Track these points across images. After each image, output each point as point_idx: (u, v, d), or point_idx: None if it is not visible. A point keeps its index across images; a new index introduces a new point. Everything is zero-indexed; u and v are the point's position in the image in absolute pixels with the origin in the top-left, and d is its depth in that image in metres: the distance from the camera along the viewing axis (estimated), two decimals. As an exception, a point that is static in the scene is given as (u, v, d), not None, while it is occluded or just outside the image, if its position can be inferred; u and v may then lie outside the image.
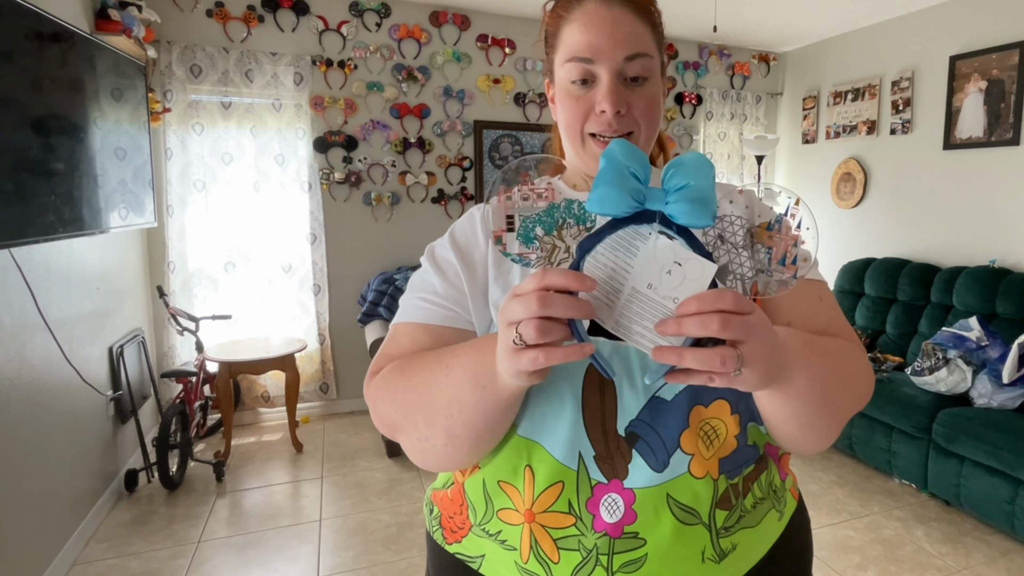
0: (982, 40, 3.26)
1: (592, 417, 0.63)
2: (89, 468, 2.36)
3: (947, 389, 2.72)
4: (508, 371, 0.50)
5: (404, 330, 0.72)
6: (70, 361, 2.19)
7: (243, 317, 3.39)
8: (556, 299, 0.45)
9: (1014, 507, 2.30)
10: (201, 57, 3.17)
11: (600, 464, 0.63)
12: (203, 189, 3.26)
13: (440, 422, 0.60)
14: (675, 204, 0.49)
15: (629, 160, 0.50)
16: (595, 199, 0.49)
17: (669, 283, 0.48)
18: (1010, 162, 3.16)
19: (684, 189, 0.48)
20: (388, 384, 0.66)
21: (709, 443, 0.64)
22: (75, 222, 2.15)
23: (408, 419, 0.64)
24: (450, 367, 0.60)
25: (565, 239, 0.53)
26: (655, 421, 0.63)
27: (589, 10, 0.67)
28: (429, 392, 0.61)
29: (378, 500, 2.63)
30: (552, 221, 0.53)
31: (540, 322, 0.45)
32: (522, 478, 0.65)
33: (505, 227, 0.54)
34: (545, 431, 0.64)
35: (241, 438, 3.27)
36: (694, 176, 0.49)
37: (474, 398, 0.57)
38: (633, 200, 0.49)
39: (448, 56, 3.71)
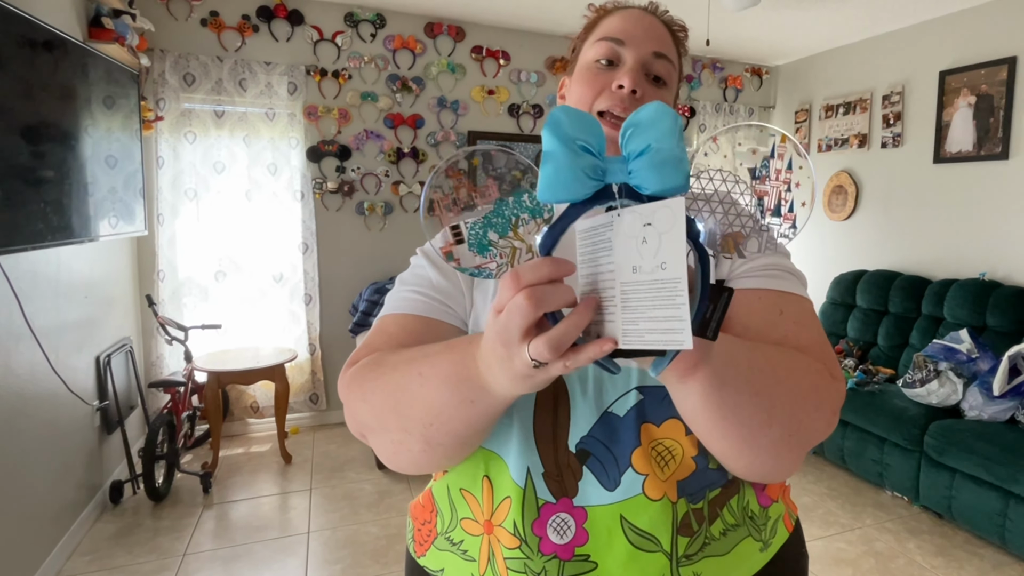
0: (971, 56, 3.30)
1: (543, 432, 0.61)
2: (73, 479, 2.33)
3: (938, 401, 2.72)
4: (519, 388, 0.45)
5: (394, 320, 0.66)
6: (56, 370, 2.16)
7: (233, 327, 3.36)
8: (547, 291, 0.39)
9: (1005, 520, 2.29)
10: (195, 66, 3.17)
11: (548, 482, 0.61)
12: (195, 198, 3.25)
13: (417, 430, 0.54)
14: (639, 172, 0.41)
15: (577, 129, 0.42)
16: (545, 184, 0.42)
17: (650, 253, 0.40)
18: (999, 176, 3.18)
19: (646, 153, 0.41)
20: (360, 380, 0.60)
21: (664, 464, 0.62)
22: (64, 230, 2.13)
23: (379, 421, 0.58)
24: (425, 377, 0.53)
25: (524, 238, 0.47)
26: (607, 437, 0.61)
27: (631, 11, 0.72)
28: (402, 399, 0.55)
29: (367, 512, 2.61)
30: (504, 221, 0.47)
31: (550, 337, 0.39)
32: (480, 488, 0.64)
33: (453, 239, 0.47)
34: (500, 443, 0.63)
35: (229, 449, 3.24)
36: (654, 134, 0.41)
37: (460, 412, 0.51)
38: (590, 178, 0.41)
39: (443, 67, 3.72)
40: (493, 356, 0.44)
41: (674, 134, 0.41)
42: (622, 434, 0.61)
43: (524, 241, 0.47)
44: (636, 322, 0.40)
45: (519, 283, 0.39)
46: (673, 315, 0.38)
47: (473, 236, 0.47)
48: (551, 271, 0.40)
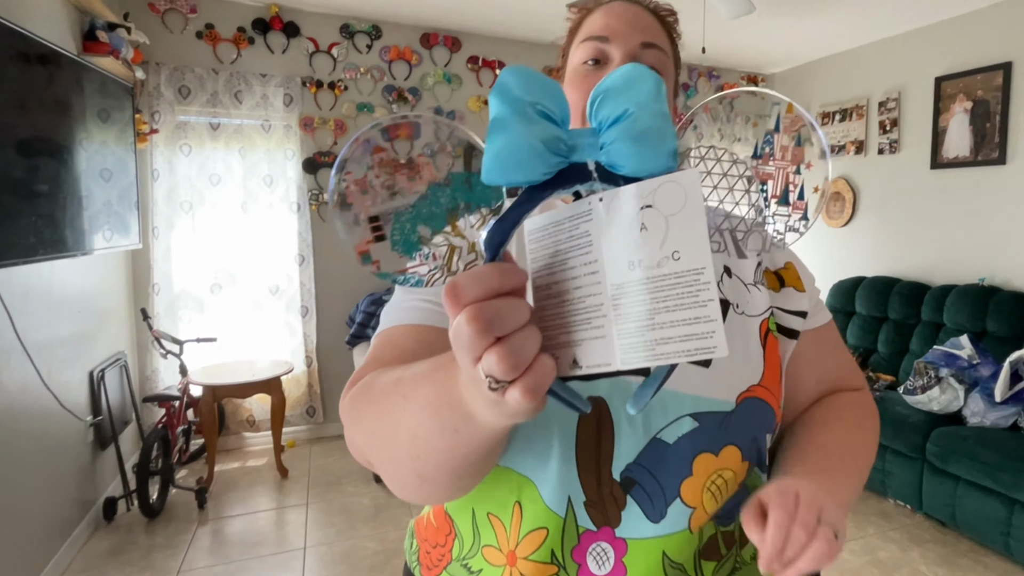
0: (966, 61, 3.30)
1: (586, 459, 0.56)
2: (66, 496, 2.30)
3: (940, 408, 2.70)
4: (499, 418, 0.36)
5: (404, 332, 0.58)
6: (48, 386, 2.14)
7: (229, 339, 3.34)
8: (497, 311, 0.30)
9: (1010, 528, 2.26)
10: (190, 78, 3.17)
11: (590, 510, 0.56)
12: (190, 210, 3.23)
13: (407, 463, 0.45)
14: (614, 145, 0.33)
15: (533, 91, 0.33)
16: (492, 161, 0.33)
17: (654, 241, 0.32)
18: (997, 181, 3.18)
19: (623, 120, 0.33)
20: (355, 403, 0.52)
21: (720, 497, 0.58)
22: (57, 244, 2.12)
23: (374, 451, 0.50)
24: (407, 400, 0.44)
25: (466, 233, 0.37)
26: (655, 465, 0.56)
27: (614, 5, 0.68)
28: (387, 424, 0.46)
29: (364, 527, 2.57)
30: (440, 211, 0.37)
31: (501, 350, 0.30)
32: (510, 514, 0.58)
33: (371, 235, 0.37)
34: (536, 470, 0.57)
35: (225, 463, 3.20)
36: (632, 98, 0.33)
37: (445, 442, 0.41)
38: (551, 152, 0.33)
39: (439, 77, 3.73)
40: (465, 376, 0.36)
41: (657, 99, 0.34)
42: (671, 463, 0.56)
43: (465, 237, 0.37)
44: (640, 332, 0.32)
45: (458, 300, 0.30)
46: (698, 315, 0.30)
47: (398, 231, 0.37)
48: (501, 282, 0.30)
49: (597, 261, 0.34)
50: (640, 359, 0.32)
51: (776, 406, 0.61)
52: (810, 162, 0.40)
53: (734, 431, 0.58)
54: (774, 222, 0.41)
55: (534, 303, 0.36)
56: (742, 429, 0.58)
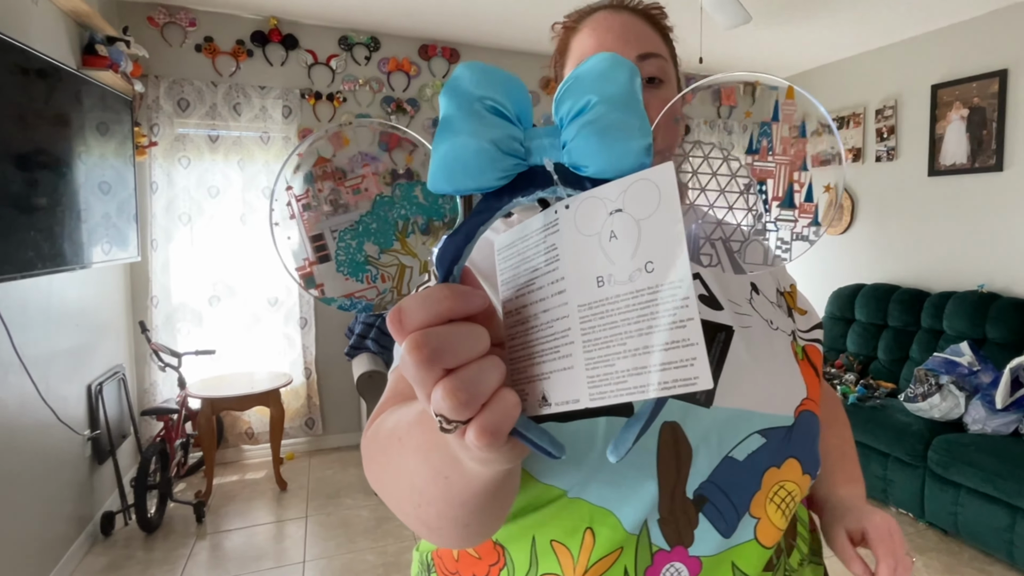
0: (962, 69, 3.32)
1: (666, 482, 0.56)
2: (63, 511, 2.28)
3: (941, 415, 2.69)
4: (476, 463, 0.32)
5: None
6: (46, 400, 2.13)
7: (227, 352, 3.33)
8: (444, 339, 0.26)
9: (1013, 535, 2.25)
10: (189, 91, 3.18)
11: (664, 528, 0.55)
12: (188, 222, 3.24)
13: (411, 512, 0.41)
14: (575, 142, 0.29)
15: (483, 86, 0.30)
16: (438, 167, 0.29)
17: (625, 252, 0.27)
18: (994, 188, 3.19)
19: (584, 113, 0.29)
20: (368, 446, 0.48)
21: (787, 510, 0.59)
22: (56, 258, 2.11)
23: (384, 495, 0.45)
24: (403, 444, 0.40)
25: (416, 250, 0.34)
26: (726, 483, 0.57)
27: (598, 17, 0.65)
28: (390, 472, 0.42)
29: (364, 540, 2.55)
30: (387, 227, 0.34)
31: (447, 385, 0.26)
32: (580, 541, 0.56)
33: (314, 256, 0.33)
34: (621, 500, 0.55)
35: (223, 477, 3.19)
36: (598, 89, 0.29)
37: (438, 489, 0.37)
38: (504, 153, 0.29)
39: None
40: None
41: (628, 90, 0.29)
42: (742, 479, 0.57)
43: (417, 256, 0.33)
44: (610, 361, 0.27)
45: (402, 327, 0.26)
46: (675, 339, 0.25)
47: (343, 250, 0.33)
48: (452, 305, 0.27)
49: (564, 279, 0.29)
50: (611, 394, 0.27)
51: (821, 417, 0.67)
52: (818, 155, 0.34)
53: (795, 444, 0.61)
54: (777, 229, 0.34)
55: (507, 330, 0.32)
56: (802, 442, 0.61)
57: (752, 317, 0.63)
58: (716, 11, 2.71)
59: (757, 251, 0.34)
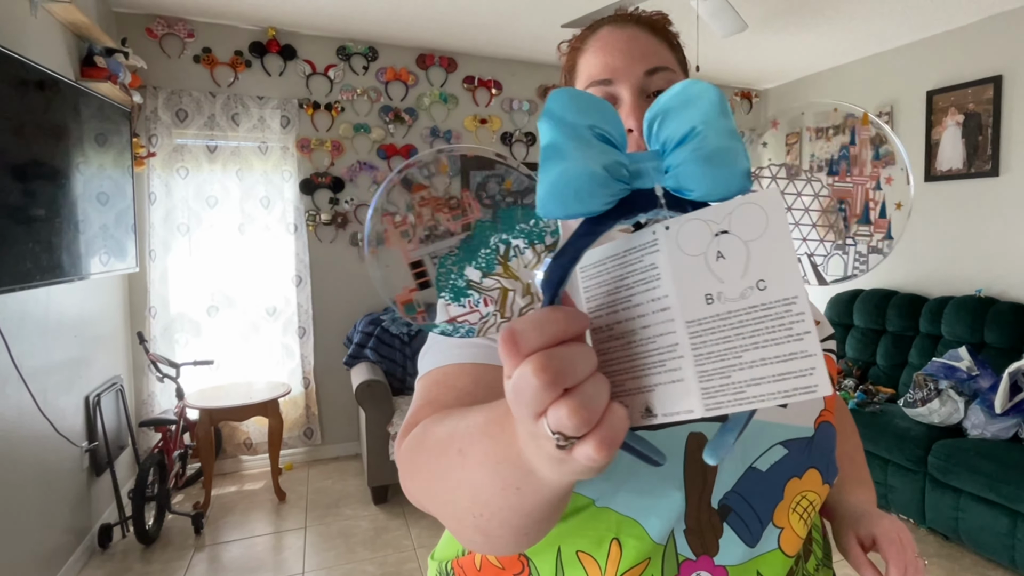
0: (957, 75, 3.34)
1: (693, 492, 0.57)
2: (61, 523, 2.27)
3: (940, 420, 2.68)
4: (562, 475, 0.32)
5: (458, 371, 0.54)
6: (43, 412, 2.12)
7: (226, 362, 3.32)
8: (565, 360, 0.27)
9: (1014, 540, 2.24)
10: (187, 102, 3.19)
11: (690, 538, 0.56)
12: (187, 233, 3.24)
13: (470, 521, 0.42)
14: (682, 167, 0.30)
15: (588, 114, 0.31)
16: (548, 193, 0.30)
17: (734, 272, 0.29)
18: (990, 193, 3.20)
19: (690, 139, 0.30)
20: (411, 456, 0.48)
21: (807, 517, 0.61)
22: (54, 269, 2.11)
23: (434, 508, 0.45)
24: (465, 455, 0.40)
25: (519, 274, 0.34)
26: (750, 493, 0.58)
27: (603, 35, 0.65)
28: (446, 484, 0.42)
29: (363, 550, 2.54)
30: (489, 252, 0.34)
31: (572, 403, 0.27)
32: (606, 552, 0.56)
33: (415, 283, 0.34)
34: (647, 510, 0.56)
35: (222, 487, 3.17)
36: (697, 115, 0.30)
37: (507, 501, 0.38)
38: (614, 179, 0.30)
39: (435, 97, 3.76)
40: (524, 432, 0.32)
41: (723, 114, 0.31)
42: (765, 489, 0.58)
43: (519, 279, 0.34)
44: (726, 373, 0.29)
45: (517, 349, 0.27)
46: (793, 351, 0.27)
47: (444, 276, 0.34)
48: (566, 327, 0.28)
49: (668, 296, 0.30)
50: (728, 404, 0.29)
51: (838, 428, 0.69)
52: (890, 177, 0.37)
53: (815, 455, 0.62)
54: (856, 243, 0.37)
55: (593, 346, 0.33)
56: (821, 452, 0.63)
57: None
58: (712, 19, 2.73)
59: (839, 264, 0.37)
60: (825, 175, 0.39)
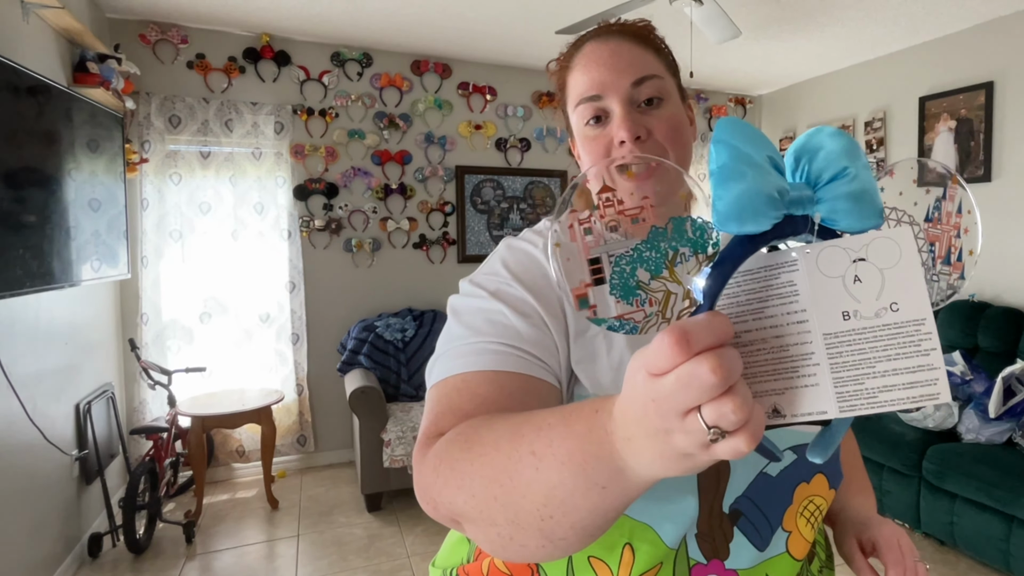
0: (949, 82, 3.36)
1: (706, 497, 0.58)
2: (50, 532, 2.24)
3: (935, 425, 2.68)
4: (671, 470, 0.34)
5: (484, 379, 0.54)
6: (33, 420, 2.10)
7: (218, 369, 3.30)
8: (733, 360, 0.30)
9: (1009, 545, 2.24)
10: (180, 108, 3.18)
11: (700, 542, 0.58)
12: (179, 239, 3.22)
13: (534, 523, 0.42)
14: (832, 202, 0.35)
15: (754, 144, 0.35)
16: (731, 208, 0.34)
17: (870, 293, 0.34)
18: (983, 198, 3.21)
19: (843, 177, 0.35)
20: (452, 461, 0.47)
21: (814, 522, 0.63)
22: (44, 276, 2.10)
23: (483, 514, 0.45)
24: (540, 457, 0.41)
25: (680, 279, 0.37)
26: (760, 498, 0.59)
27: (587, 51, 0.66)
28: (509, 486, 0.43)
29: (356, 558, 2.52)
30: (659, 256, 0.36)
31: (737, 399, 0.29)
32: (619, 556, 0.57)
33: (590, 278, 0.36)
34: (662, 516, 0.57)
35: (214, 496, 3.15)
36: (848, 156, 0.35)
37: (589, 501, 0.39)
38: (781, 203, 0.35)
39: (429, 103, 3.76)
40: (640, 429, 0.33)
41: (863, 159, 0.36)
42: (775, 494, 0.60)
43: (681, 283, 0.36)
44: (860, 380, 0.33)
45: (689, 347, 0.29)
46: (921, 364, 0.32)
47: (618, 274, 0.36)
48: (730, 331, 0.31)
49: (805, 311, 0.35)
50: (862, 407, 0.33)
51: None
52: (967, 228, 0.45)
53: None
54: (938, 280, 0.44)
55: None
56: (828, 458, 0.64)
57: None
58: (706, 26, 2.74)
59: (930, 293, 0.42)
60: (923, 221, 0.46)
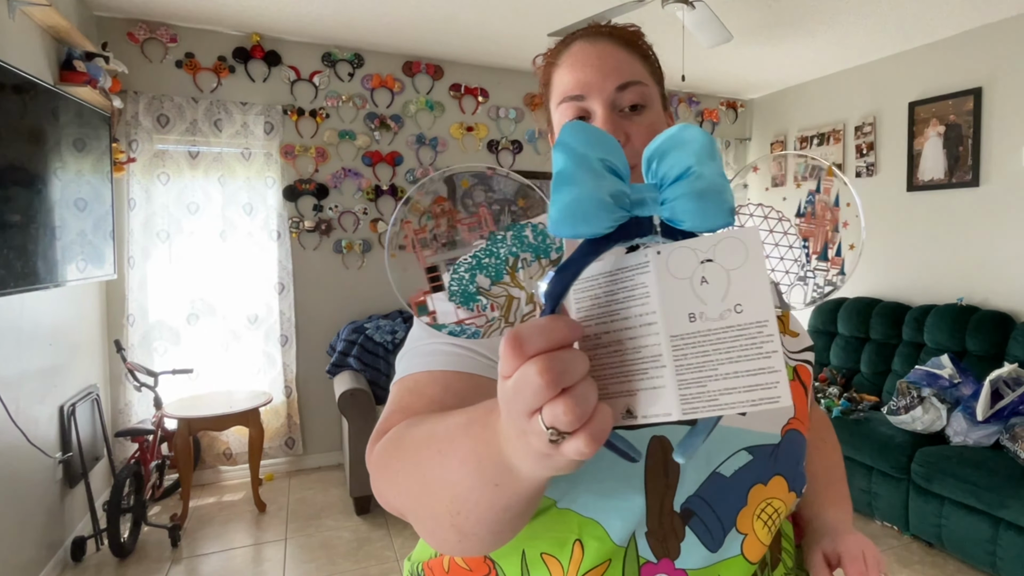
0: (939, 87, 3.38)
1: (654, 495, 0.57)
2: (32, 536, 2.21)
3: (923, 428, 2.69)
4: (543, 470, 0.35)
5: (432, 379, 0.56)
6: (15, 422, 2.07)
7: (206, 371, 3.27)
8: (566, 363, 0.30)
9: (996, 547, 2.25)
10: (169, 107, 3.15)
11: (651, 540, 0.57)
12: (167, 239, 3.19)
13: (447, 519, 0.44)
14: (677, 202, 0.34)
15: (596, 147, 0.34)
16: (561, 214, 0.34)
17: (715, 295, 0.33)
18: (971, 202, 3.23)
19: (686, 177, 0.34)
20: (386, 459, 0.50)
21: (772, 526, 0.61)
22: (28, 276, 2.07)
23: (412, 509, 0.48)
24: (444, 455, 0.43)
25: (523, 283, 0.38)
26: (713, 498, 0.58)
27: (575, 50, 0.66)
28: (424, 483, 0.45)
29: (345, 562, 2.50)
30: (499, 262, 0.37)
31: (568, 401, 0.30)
32: (569, 552, 0.57)
33: (428, 286, 0.37)
34: (608, 511, 0.57)
35: (200, 499, 3.11)
36: (692, 156, 0.35)
37: (486, 498, 0.41)
38: (617, 206, 0.34)
39: (421, 105, 3.75)
40: (510, 430, 0.34)
41: (715, 157, 0.35)
42: (729, 495, 0.59)
43: (524, 288, 0.37)
44: (702, 382, 0.33)
45: (522, 351, 0.30)
46: (762, 366, 0.32)
47: (456, 281, 0.37)
48: (566, 334, 0.31)
49: (655, 312, 0.34)
50: (703, 409, 0.33)
51: (807, 437, 0.68)
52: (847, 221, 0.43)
53: (781, 462, 0.62)
54: (815, 276, 0.43)
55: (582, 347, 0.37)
56: (787, 459, 0.63)
57: None
58: (698, 30, 2.74)
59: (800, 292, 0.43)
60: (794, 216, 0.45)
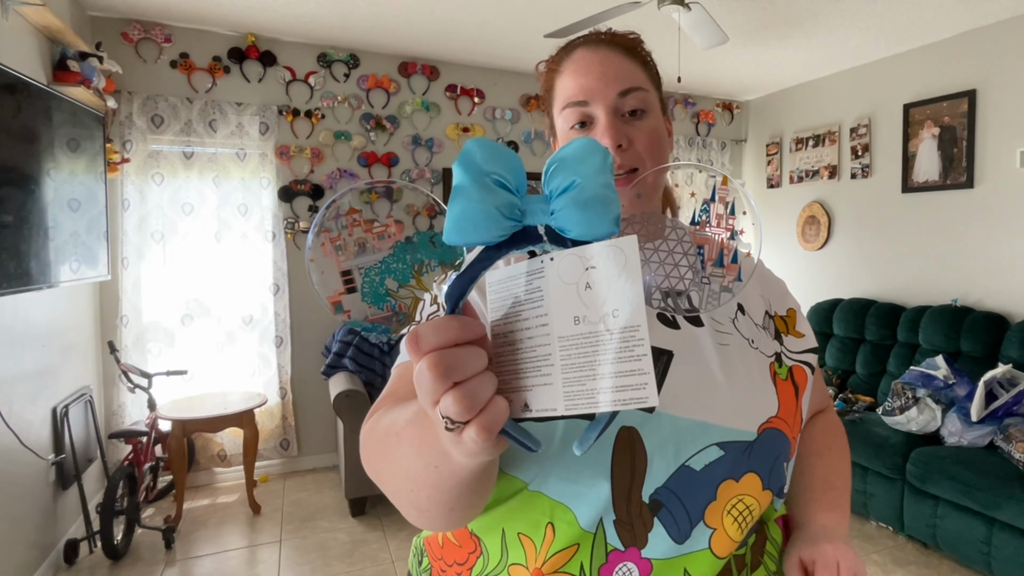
0: (933, 89, 3.39)
1: (620, 483, 0.59)
2: (25, 539, 2.19)
3: (918, 428, 2.70)
4: (462, 456, 0.39)
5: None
6: (8, 424, 2.06)
7: (200, 372, 3.26)
8: (455, 358, 0.33)
9: (990, 547, 2.26)
10: (163, 107, 3.14)
11: (619, 529, 0.59)
12: (161, 240, 3.18)
13: (405, 496, 0.50)
14: (563, 211, 0.37)
15: (491, 162, 0.37)
16: (452, 224, 0.37)
17: (596, 300, 0.36)
18: (965, 204, 3.24)
19: (571, 190, 0.37)
20: (364, 440, 0.56)
21: (744, 524, 0.61)
22: (21, 277, 2.05)
23: (384, 484, 0.53)
24: (399, 437, 0.47)
25: (428, 287, 0.42)
26: (682, 490, 0.59)
27: (577, 57, 0.69)
28: (387, 463, 0.51)
29: (340, 564, 2.49)
30: (405, 267, 0.41)
31: (457, 394, 0.33)
32: (542, 534, 0.60)
33: (343, 287, 0.41)
34: (575, 496, 0.59)
35: (194, 501, 3.10)
36: (580, 169, 0.37)
37: (430, 479, 0.45)
38: (505, 217, 0.37)
39: (417, 105, 3.74)
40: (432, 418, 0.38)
41: (603, 172, 0.37)
42: (698, 488, 0.60)
43: (428, 291, 0.41)
44: (582, 381, 0.35)
45: (419, 348, 0.34)
46: (633, 368, 0.34)
47: (368, 284, 0.41)
48: (459, 333, 0.34)
49: (548, 315, 0.37)
50: (581, 406, 0.35)
51: (792, 437, 0.67)
52: (743, 229, 0.45)
53: (756, 459, 0.63)
54: (711, 282, 0.45)
55: (493, 349, 0.39)
56: (763, 458, 0.63)
57: (732, 336, 0.68)
58: (694, 32, 2.74)
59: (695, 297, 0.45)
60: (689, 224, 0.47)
